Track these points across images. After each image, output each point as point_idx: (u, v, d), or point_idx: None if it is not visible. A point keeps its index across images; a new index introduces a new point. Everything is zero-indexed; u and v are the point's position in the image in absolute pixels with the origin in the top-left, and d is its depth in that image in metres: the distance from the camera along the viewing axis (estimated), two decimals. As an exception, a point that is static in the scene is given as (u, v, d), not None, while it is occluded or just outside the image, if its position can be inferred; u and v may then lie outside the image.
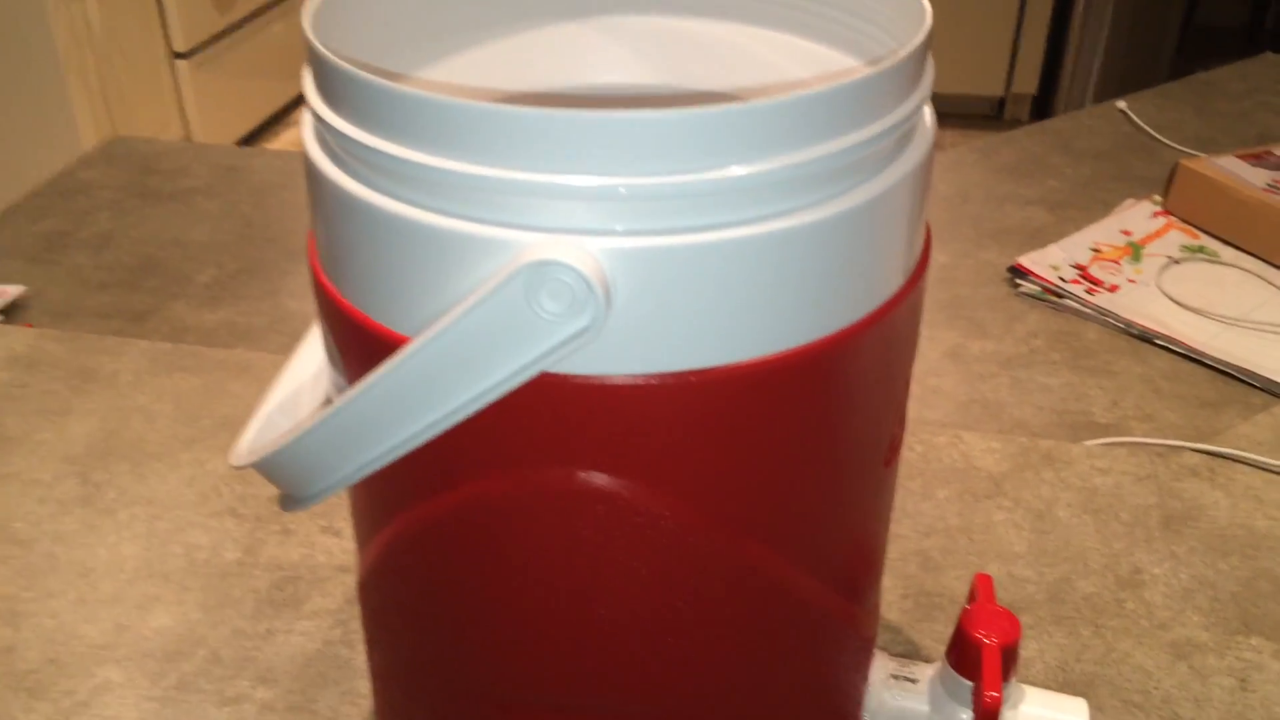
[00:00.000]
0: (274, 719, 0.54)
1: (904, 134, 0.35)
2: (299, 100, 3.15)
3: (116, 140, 1.39)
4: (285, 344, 0.89)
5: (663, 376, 0.33)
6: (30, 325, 0.96)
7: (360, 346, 0.35)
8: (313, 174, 0.35)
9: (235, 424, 0.73)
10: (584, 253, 0.31)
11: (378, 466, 0.35)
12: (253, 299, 1.01)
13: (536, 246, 0.31)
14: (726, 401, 0.34)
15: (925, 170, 0.37)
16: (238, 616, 0.59)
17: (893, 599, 0.60)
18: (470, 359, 0.32)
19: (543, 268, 0.30)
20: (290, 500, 0.38)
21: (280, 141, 2.81)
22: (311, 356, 0.44)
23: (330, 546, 0.64)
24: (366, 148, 0.32)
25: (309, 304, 0.99)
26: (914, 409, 0.85)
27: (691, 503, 0.35)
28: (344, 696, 0.55)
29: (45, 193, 1.26)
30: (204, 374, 0.78)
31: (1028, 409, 0.92)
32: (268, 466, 0.36)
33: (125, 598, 0.61)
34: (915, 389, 0.93)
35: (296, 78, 2.93)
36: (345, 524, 0.65)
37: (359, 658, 0.57)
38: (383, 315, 0.34)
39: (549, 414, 0.33)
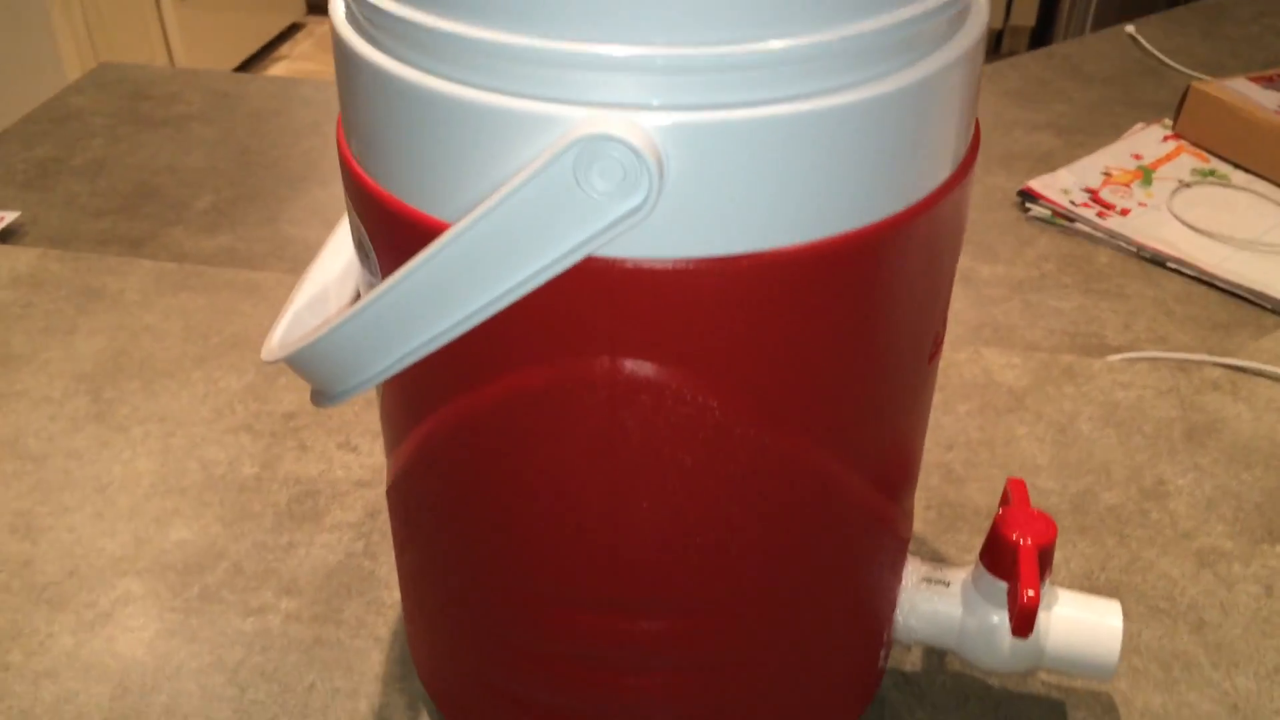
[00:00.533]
0: (300, 628, 0.54)
1: (959, 12, 0.34)
2: (285, 35, 3.09)
3: (106, 66, 1.36)
4: (287, 270, 0.88)
5: (712, 261, 0.32)
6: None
7: (397, 235, 0.34)
8: (345, 54, 0.34)
9: (246, 343, 0.72)
10: (637, 127, 0.30)
11: (416, 359, 0.34)
12: (252, 225, 0.99)
13: (586, 121, 0.30)
14: (773, 286, 0.33)
15: (978, 53, 0.35)
16: (258, 530, 0.59)
17: (917, 510, 0.60)
18: (516, 243, 0.31)
19: (593, 143, 0.29)
20: (322, 396, 0.37)
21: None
22: (337, 256, 0.43)
23: (348, 462, 0.63)
24: (404, 21, 0.31)
25: (310, 230, 0.98)
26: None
27: (738, 393, 0.34)
28: (369, 606, 0.55)
29: (36, 119, 1.24)
30: (211, 294, 0.77)
31: (1039, 331, 0.92)
32: (300, 361, 0.35)
33: (143, 512, 0.60)
34: (927, 311, 0.92)
35: (283, 12, 2.88)
36: (362, 440, 0.65)
37: (382, 569, 0.57)
38: (422, 201, 0.33)
39: (595, 300, 0.32)
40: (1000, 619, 0.46)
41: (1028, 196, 1.09)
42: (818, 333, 0.34)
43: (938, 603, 0.47)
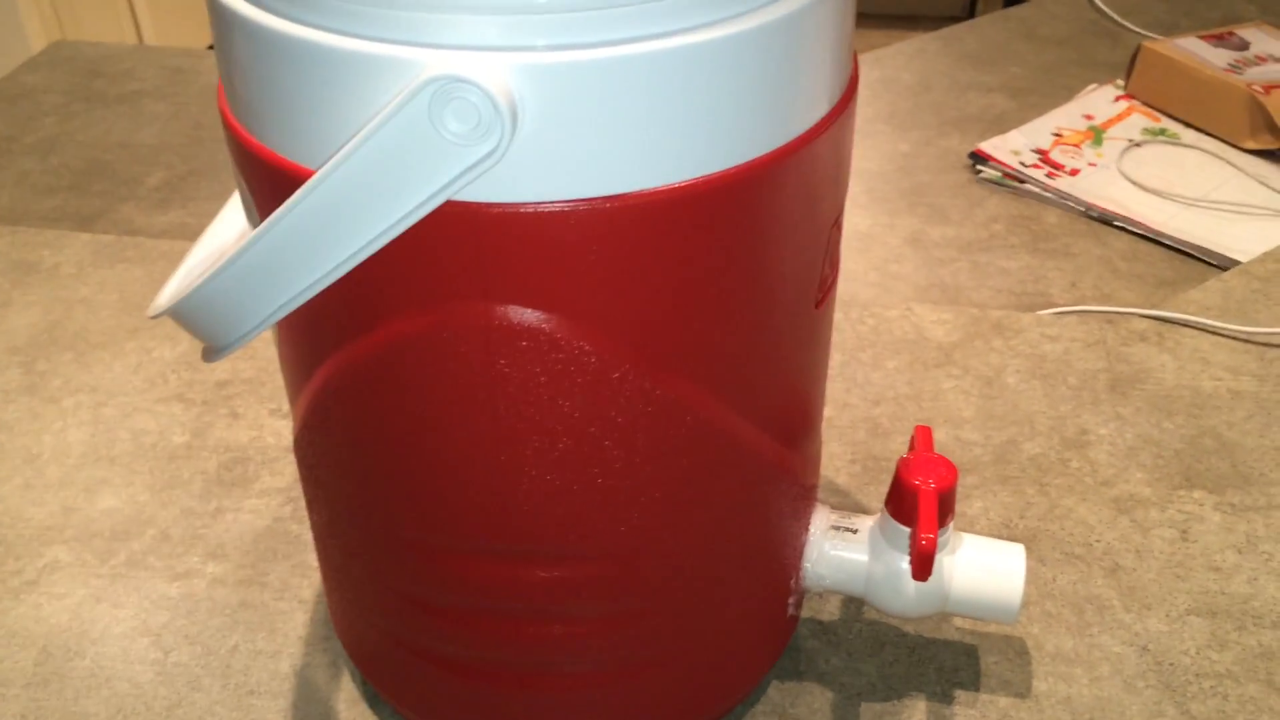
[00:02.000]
0: (225, 591, 0.54)
1: (823, -48, 0.34)
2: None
3: (61, 43, 1.35)
4: (235, 240, 0.88)
5: (575, 203, 0.32)
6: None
7: (269, 185, 0.34)
8: (211, 5, 0.34)
9: (182, 313, 0.72)
10: (489, 69, 0.30)
11: (292, 307, 0.34)
12: (203, 200, 0.99)
13: (439, 63, 0.30)
14: (642, 229, 0.33)
15: (848, -7, 0.36)
16: (186, 497, 0.59)
17: (841, 464, 0.61)
18: (376, 187, 0.31)
19: (445, 85, 0.29)
20: (210, 350, 0.37)
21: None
22: (235, 216, 0.44)
23: (280, 429, 0.63)
24: (263, -30, 0.31)
25: (260, 201, 0.98)
26: (872, 294, 0.84)
27: (612, 337, 0.35)
28: (294, 569, 0.55)
29: (-12, 98, 1.23)
30: (148, 265, 0.77)
31: (986, 292, 0.92)
32: (183, 312, 0.36)
33: (72, 482, 0.60)
34: (874, 276, 0.93)
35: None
36: (294, 406, 0.65)
37: (308, 534, 0.57)
38: (290, 149, 0.33)
39: (461, 245, 0.33)
40: (905, 564, 0.47)
41: (978, 159, 1.09)
42: (690, 276, 0.35)
43: (845, 550, 0.48)
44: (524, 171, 0.32)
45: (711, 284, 0.35)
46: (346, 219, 0.32)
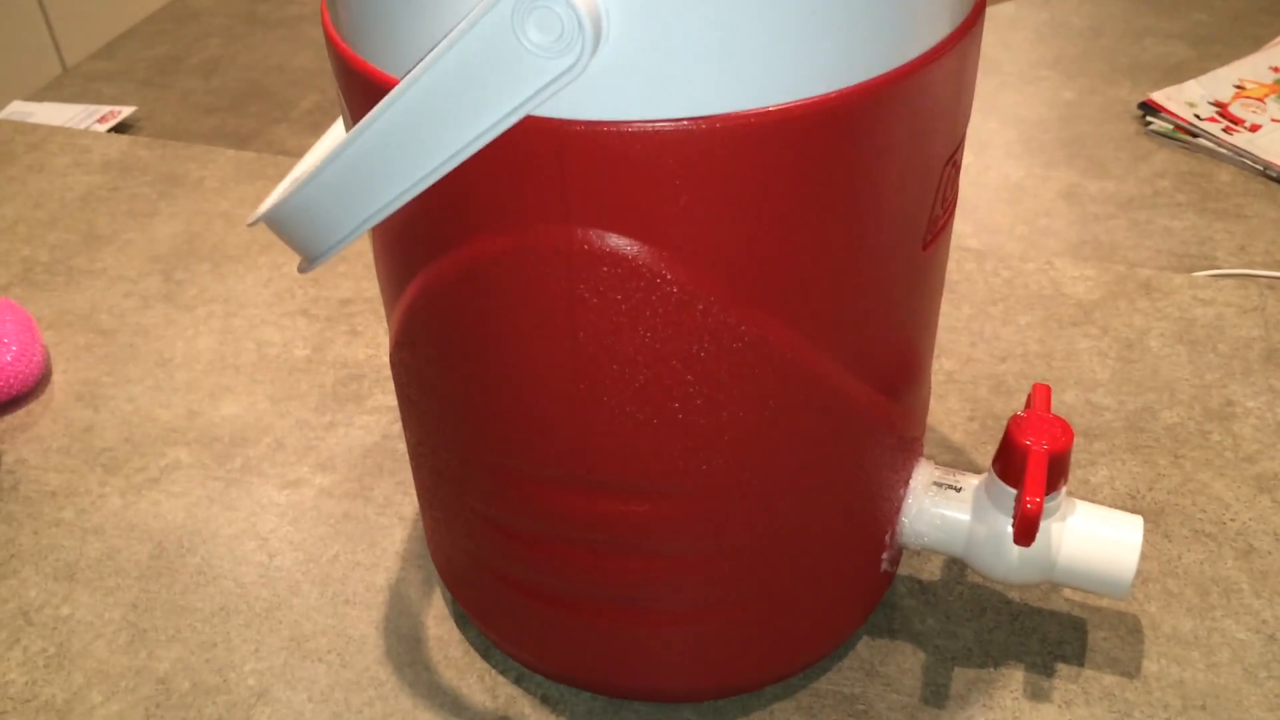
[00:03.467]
0: (331, 503, 0.56)
1: None
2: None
3: (230, -33, 1.39)
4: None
5: (661, 123, 0.31)
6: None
7: (362, 95, 0.34)
8: (315, -88, 0.34)
9: (314, 231, 0.74)
10: (572, -22, 0.28)
11: (378, 219, 0.34)
12: (349, 121, 1.00)
13: (522, -28, 0.29)
14: (732, 155, 0.31)
15: (973, -91, 0.33)
16: (302, 409, 0.61)
17: (958, 420, 0.58)
18: (457, 98, 0.31)
19: (527, -7, 0.28)
20: (304, 261, 0.37)
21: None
22: (340, 131, 0.44)
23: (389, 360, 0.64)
24: (356, -128, 0.31)
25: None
26: (1018, 249, 0.81)
27: (697, 268, 0.33)
28: (398, 486, 0.56)
29: (159, 18, 1.28)
30: (287, 183, 0.79)
31: (1144, 252, 0.87)
32: (276, 220, 0.36)
33: (199, 387, 0.63)
34: (1022, 230, 0.88)
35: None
36: (412, 328, 0.66)
37: (413, 451, 0.58)
38: (379, 58, 0.33)
39: (543, 163, 0.32)
40: (1009, 527, 0.44)
41: (1148, 110, 1.02)
42: (784, 208, 0.33)
43: (946, 507, 0.46)
44: (608, 88, 0.30)
45: (807, 218, 0.34)
46: (428, 129, 0.31)
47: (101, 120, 1.07)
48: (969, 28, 0.35)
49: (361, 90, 0.34)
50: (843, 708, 0.46)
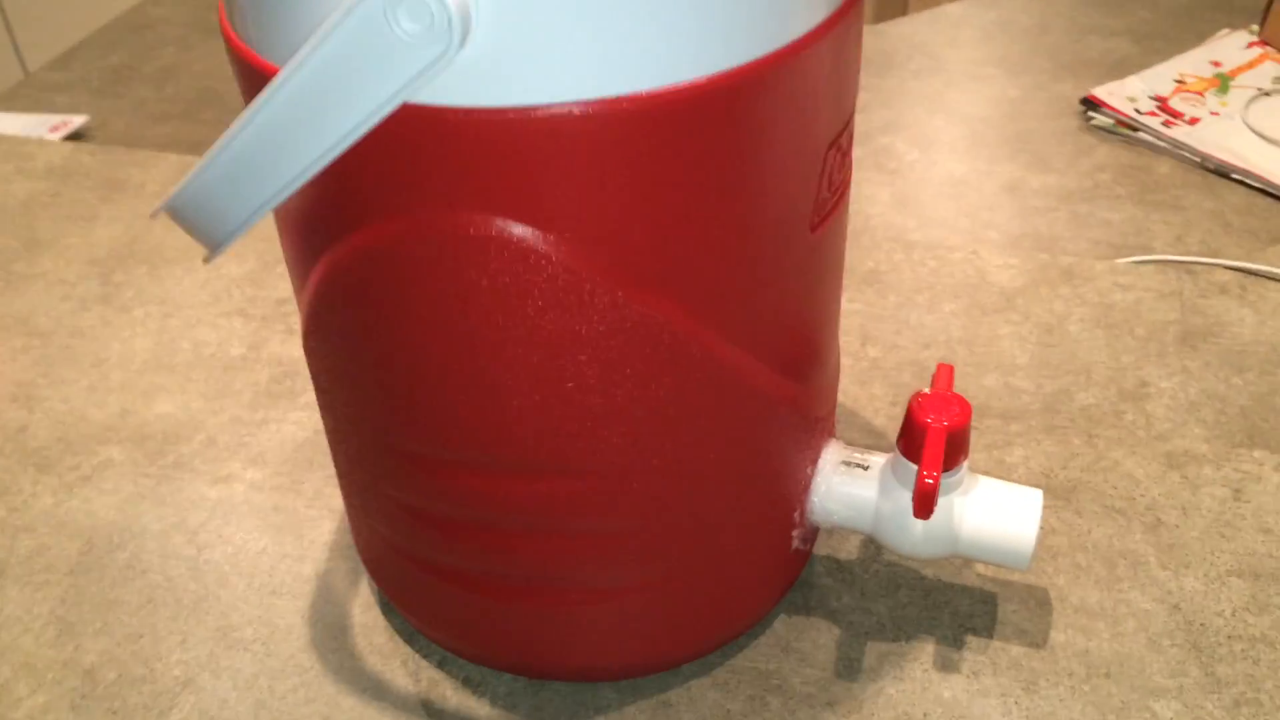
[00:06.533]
0: (260, 497, 0.56)
1: None
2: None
3: (184, -23, 1.40)
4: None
5: (535, 109, 0.32)
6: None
7: (251, 85, 0.35)
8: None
9: (253, 232, 0.75)
10: (439, -33, 0.29)
11: (270, 205, 0.35)
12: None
13: (391, -39, 0.30)
14: (608, 139, 0.32)
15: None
16: (236, 406, 0.62)
17: (881, 405, 0.59)
18: (336, 86, 0.31)
19: (396, -18, 0.29)
20: (208, 249, 0.38)
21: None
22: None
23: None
24: None
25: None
26: (958, 241, 0.82)
27: (580, 248, 0.34)
28: (328, 479, 0.57)
29: (114, 27, 1.28)
30: (229, 186, 0.80)
31: (1082, 243, 0.88)
32: (175, 209, 0.37)
33: (133, 387, 0.63)
34: (964, 223, 0.90)
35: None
36: (347, 325, 0.67)
37: (345, 445, 0.59)
38: (264, 49, 0.34)
39: (424, 150, 0.33)
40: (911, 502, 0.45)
41: (1090, 105, 1.04)
42: (662, 189, 0.34)
43: (853, 486, 0.47)
44: (482, 74, 0.31)
45: (687, 200, 0.35)
46: (309, 118, 0.32)
47: (54, 130, 1.07)
48: (846, 11, 0.36)
49: (251, 79, 0.35)
50: (758, 683, 0.47)
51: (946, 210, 0.93)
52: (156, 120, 1.12)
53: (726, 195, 0.35)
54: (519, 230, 0.34)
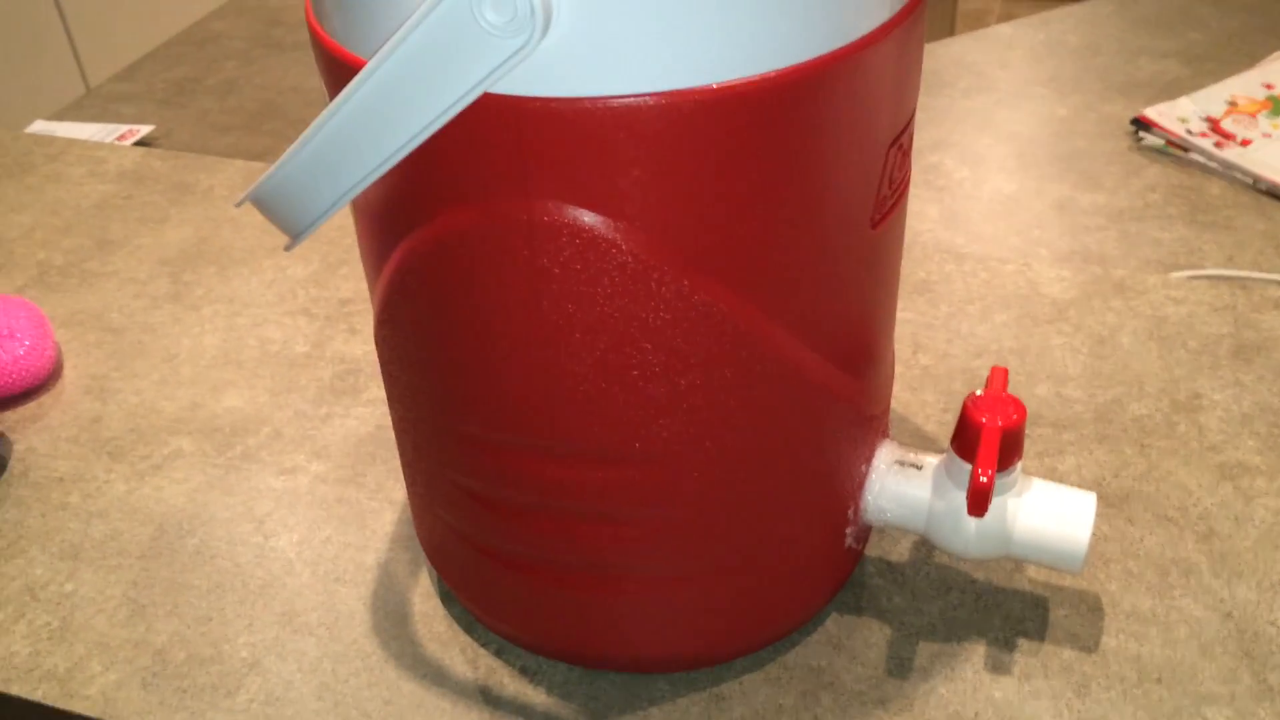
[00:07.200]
0: (325, 488, 0.58)
1: None
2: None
3: (248, -6, 1.44)
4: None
5: (611, 99, 0.33)
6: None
7: (337, 77, 0.37)
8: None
9: (317, 236, 0.77)
10: (524, -38, 0.31)
11: (352, 194, 0.36)
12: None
13: (479, -43, 0.31)
14: (680, 129, 0.34)
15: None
16: (301, 401, 0.63)
17: (933, 412, 0.60)
18: (420, 77, 0.33)
19: (483, -23, 0.31)
20: (289, 238, 0.40)
21: None
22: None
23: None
24: None
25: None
26: (1008, 258, 0.83)
27: (650, 237, 0.36)
28: (389, 472, 0.58)
29: (178, 41, 1.32)
30: (294, 192, 0.82)
31: (1133, 262, 0.89)
32: (260, 199, 0.38)
33: (202, 381, 0.65)
34: (1015, 240, 0.90)
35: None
36: (408, 326, 0.68)
37: (405, 440, 0.60)
38: (350, 42, 0.36)
39: (502, 139, 0.34)
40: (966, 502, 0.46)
41: (1141, 125, 1.04)
42: (730, 180, 0.35)
43: (907, 485, 0.47)
44: (562, 65, 0.33)
45: (752, 190, 0.36)
46: (394, 108, 0.34)
47: (121, 138, 1.10)
48: (908, 13, 0.37)
49: (336, 72, 0.37)
50: (810, 679, 0.48)
51: (996, 227, 0.94)
52: (219, 131, 1.15)
53: (792, 189, 0.36)
54: (590, 218, 0.35)
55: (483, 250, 0.37)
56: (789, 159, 0.36)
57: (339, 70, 0.37)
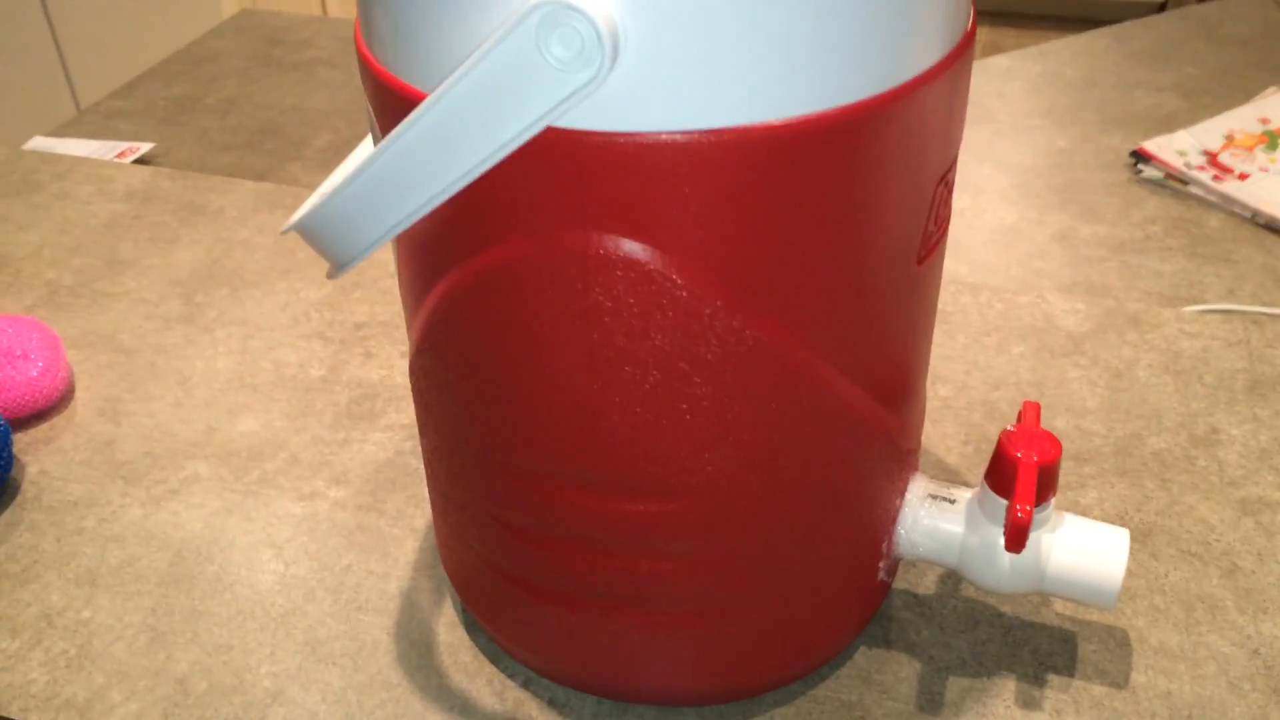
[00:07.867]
0: (345, 515, 0.57)
1: (939, -99, 0.34)
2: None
3: (247, 12, 1.43)
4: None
5: (673, 135, 0.33)
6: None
7: (391, 109, 0.37)
8: (353, -59, 0.36)
9: (330, 259, 0.76)
10: (594, -1, 0.31)
11: (404, 226, 0.36)
12: (363, 159, 1.03)
13: (548, -8, 0.31)
14: (739, 165, 0.34)
15: (964, -55, 0.36)
16: (318, 425, 0.63)
17: (953, 444, 0.60)
18: (483, 111, 0.33)
19: (554, 11, 0.31)
20: (333, 267, 0.39)
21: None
22: (369, 147, 0.46)
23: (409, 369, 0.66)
24: (395, -98, 0.33)
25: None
26: (1010, 287, 0.83)
27: (705, 272, 0.36)
28: (410, 499, 0.58)
29: (177, 60, 1.31)
30: (304, 214, 0.81)
31: (1134, 293, 0.89)
32: (307, 228, 0.38)
33: (217, 404, 0.64)
34: (1016, 270, 0.91)
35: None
36: (424, 351, 0.68)
37: (425, 467, 0.60)
38: (409, 74, 0.35)
39: (562, 172, 0.34)
40: (1000, 538, 0.46)
41: (1140, 158, 1.05)
42: (786, 217, 0.35)
43: (940, 519, 0.47)
44: (624, 101, 0.33)
45: (807, 228, 0.36)
46: (455, 140, 0.34)
47: (120, 156, 1.09)
48: (959, 54, 0.37)
49: (392, 104, 0.37)
50: (840, 714, 0.47)
51: (998, 258, 0.94)
52: (220, 150, 1.14)
53: (845, 225, 0.36)
54: (645, 253, 0.35)
55: (535, 282, 0.37)
56: (843, 196, 0.36)
57: (390, 99, 0.36)
